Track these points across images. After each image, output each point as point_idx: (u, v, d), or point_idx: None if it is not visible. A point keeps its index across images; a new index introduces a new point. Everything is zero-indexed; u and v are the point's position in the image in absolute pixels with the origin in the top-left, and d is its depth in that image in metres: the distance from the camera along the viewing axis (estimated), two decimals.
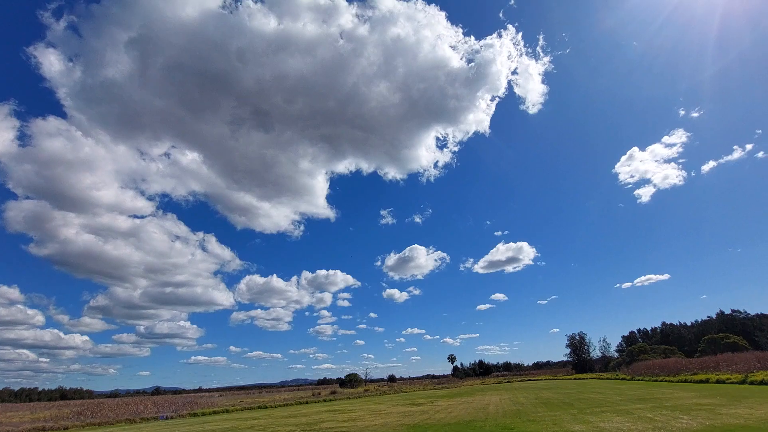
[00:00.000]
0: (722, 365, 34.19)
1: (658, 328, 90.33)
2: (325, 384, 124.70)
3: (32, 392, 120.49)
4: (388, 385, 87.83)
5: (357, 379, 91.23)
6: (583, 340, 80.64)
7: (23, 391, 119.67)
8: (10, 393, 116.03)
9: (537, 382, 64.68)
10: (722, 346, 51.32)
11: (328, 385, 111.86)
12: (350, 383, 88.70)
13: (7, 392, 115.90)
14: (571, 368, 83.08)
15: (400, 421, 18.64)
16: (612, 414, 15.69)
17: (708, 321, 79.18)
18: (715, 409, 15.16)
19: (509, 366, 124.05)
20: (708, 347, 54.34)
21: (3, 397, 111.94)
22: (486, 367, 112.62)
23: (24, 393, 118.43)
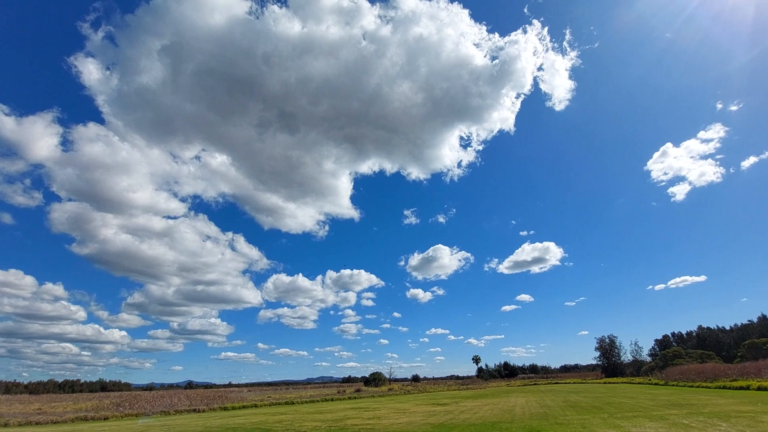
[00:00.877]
0: (765, 371, 32.33)
1: (693, 332, 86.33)
2: (350, 382, 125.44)
3: (75, 384, 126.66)
4: (412, 385, 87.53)
5: (381, 378, 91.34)
6: (613, 343, 77.84)
7: (67, 382, 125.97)
8: (54, 384, 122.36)
9: (565, 385, 62.95)
10: (764, 351, 48.57)
11: (353, 383, 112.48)
12: (374, 382, 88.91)
13: (52, 384, 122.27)
14: (600, 372, 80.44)
15: (425, 420, 18.53)
16: (645, 419, 15.10)
17: (748, 325, 75.11)
18: (757, 416, 14.35)
19: (536, 368, 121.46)
20: (748, 352, 51.55)
21: (48, 388, 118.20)
22: (511, 369, 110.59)
23: (67, 384, 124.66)
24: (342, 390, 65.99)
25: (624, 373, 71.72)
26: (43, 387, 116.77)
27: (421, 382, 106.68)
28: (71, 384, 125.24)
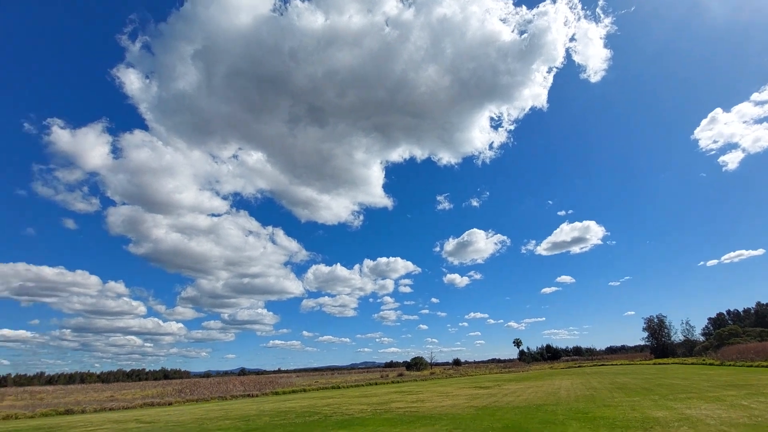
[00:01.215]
0: None
1: (751, 309, 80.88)
2: (392, 367, 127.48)
3: (140, 372, 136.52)
4: (453, 369, 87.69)
5: (422, 363, 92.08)
6: (662, 323, 74.16)
7: (133, 371, 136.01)
8: (123, 373, 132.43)
9: (611, 367, 60.96)
10: None
11: (395, 367, 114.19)
12: (416, 366, 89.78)
13: (120, 373, 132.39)
14: (649, 353, 77.09)
15: (468, 403, 18.58)
16: (700, 401, 14.41)
17: None
18: None
19: (580, 350, 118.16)
20: None
21: (118, 377, 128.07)
22: (554, 352, 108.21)
23: (134, 373, 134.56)
24: (385, 374, 67.17)
25: (675, 354, 68.42)
26: (113, 376, 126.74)
27: (462, 365, 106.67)
28: (137, 373, 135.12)
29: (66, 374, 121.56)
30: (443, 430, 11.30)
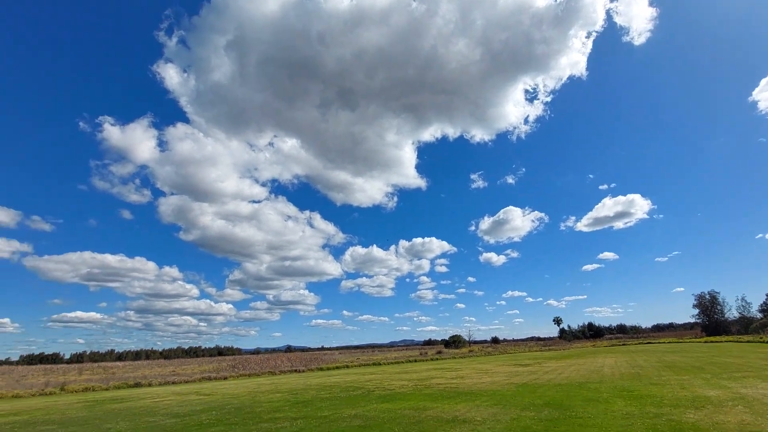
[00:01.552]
0: None
1: None
2: (431, 345, 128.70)
3: (197, 350, 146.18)
4: (492, 346, 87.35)
5: (461, 341, 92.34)
6: (715, 300, 69.81)
7: (191, 349, 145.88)
8: (182, 351, 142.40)
9: (658, 345, 58.47)
10: None
11: (433, 345, 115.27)
12: (454, 344, 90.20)
13: (180, 350, 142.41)
14: (700, 331, 73.12)
15: (508, 380, 18.53)
16: (756, 379, 13.59)
17: None
18: None
19: (624, 328, 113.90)
20: None
21: (177, 354, 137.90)
22: (597, 330, 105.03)
23: (192, 350, 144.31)
24: (424, 352, 68.05)
25: (729, 332, 64.52)
26: (174, 353, 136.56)
27: (500, 343, 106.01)
28: (195, 350, 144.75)
29: (133, 351, 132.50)
30: (483, 405, 11.37)
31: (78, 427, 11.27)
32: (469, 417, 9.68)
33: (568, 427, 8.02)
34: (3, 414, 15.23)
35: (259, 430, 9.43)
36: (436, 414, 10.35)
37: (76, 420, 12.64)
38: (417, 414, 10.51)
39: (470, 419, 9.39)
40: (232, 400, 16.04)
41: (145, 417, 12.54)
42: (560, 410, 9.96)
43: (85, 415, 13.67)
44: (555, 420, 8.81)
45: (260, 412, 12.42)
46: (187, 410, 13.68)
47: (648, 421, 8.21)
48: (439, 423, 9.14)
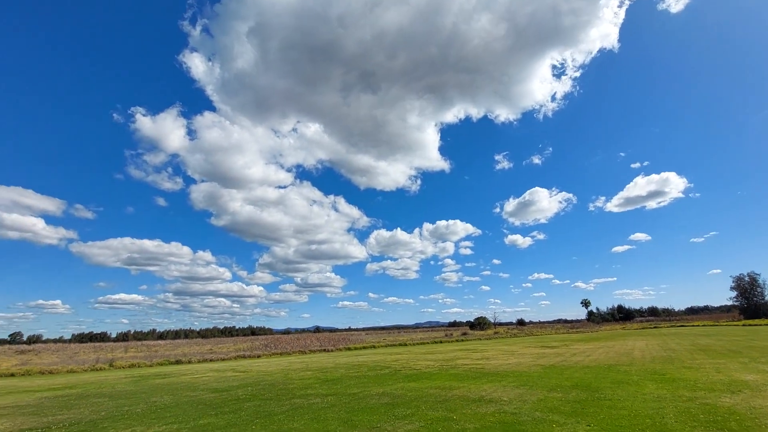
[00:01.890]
0: None
1: None
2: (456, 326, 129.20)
3: (232, 330, 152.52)
4: (518, 328, 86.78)
5: (486, 322, 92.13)
6: (754, 282, 66.34)
7: (226, 329, 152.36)
8: (218, 330, 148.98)
9: (692, 328, 56.46)
10: None
11: (458, 327, 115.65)
12: (480, 326, 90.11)
13: (216, 330, 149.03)
14: (737, 314, 69.95)
15: (535, 362, 18.42)
16: None
17: None
18: None
19: (656, 311, 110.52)
20: None
21: (214, 333, 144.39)
22: (627, 312, 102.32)
23: (227, 330, 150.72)
24: (449, 333, 68.41)
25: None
26: (210, 332, 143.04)
27: (526, 325, 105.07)
28: (229, 330, 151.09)
29: (173, 331, 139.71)
30: (510, 386, 11.38)
31: (126, 399, 12.07)
32: (495, 397, 9.72)
33: (597, 409, 7.93)
34: (60, 387, 16.47)
35: (292, 405, 9.82)
36: (462, 393, 10.45)
37: (125, 393, 13.54)
38: (443, 393, 10.65)
39: (496, 399, 9.44)
40: (266, 377, 16.71)
41: (187, 392, 13.28)
42: (588, 392, 9.85)
43: (133, 389, 14.61)
44: (583, 402, 8.73)
45: (292, 388, 12.90)
46: (224, 386, 14.38)
47: (681, 405, 8.01)
48: (466, 402, 9.23)
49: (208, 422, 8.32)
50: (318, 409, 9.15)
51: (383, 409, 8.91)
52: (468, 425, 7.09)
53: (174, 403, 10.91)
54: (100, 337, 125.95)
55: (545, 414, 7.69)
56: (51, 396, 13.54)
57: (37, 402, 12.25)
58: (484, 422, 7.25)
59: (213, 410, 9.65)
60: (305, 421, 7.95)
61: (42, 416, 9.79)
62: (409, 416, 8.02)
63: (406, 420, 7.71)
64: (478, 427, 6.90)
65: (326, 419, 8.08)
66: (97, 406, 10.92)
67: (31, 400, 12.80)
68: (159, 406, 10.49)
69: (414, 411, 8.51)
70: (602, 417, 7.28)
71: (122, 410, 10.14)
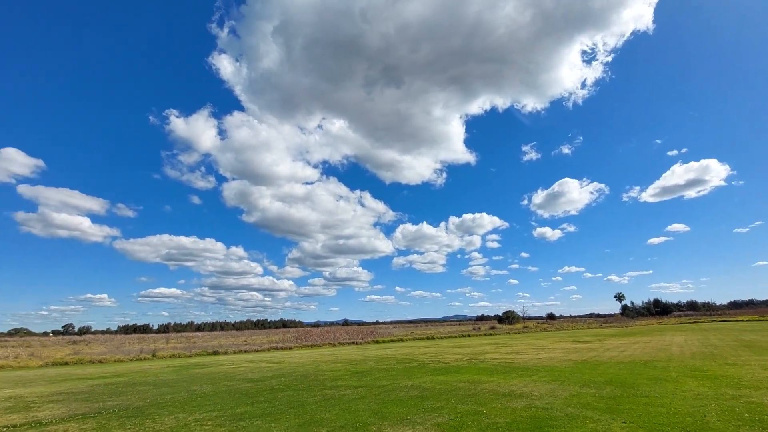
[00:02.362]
0: None
1: None
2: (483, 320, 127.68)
3: (264, 322, 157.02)
4: (548, 323, 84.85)
5: (514, 316, 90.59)
6: None
7: (259, 321, 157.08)
8: (251, 323, 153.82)
9: (735, 323, 53.43)
10: None
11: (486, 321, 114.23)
12: (508, 320, 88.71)
13: (249, 322, 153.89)
14: None
15: (566, 357, 17.98)
16: None
17: None
18: None
19: (695, 305, 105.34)
20: None
21: (247, 325, 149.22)
22: (663, 306, 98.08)
23: (259, 323, 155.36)
24: (477, 327, 67.73)
25: None
26: (244, 325, 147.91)
27: (557, 320, 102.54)
28: (262, 322, 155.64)
29: (209, 323, 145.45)
30: (541, 381, 11.17)
31: (169, 388, 12.68)
32: (526, 392, 9.58)
33: (633, 406, 7.67)
34: (109, 375, 17.50)
35: (323, 396, 10.03)
36: (492, 388, 10.35)
37: (167, 382, 14.23)
38: (472, 387, 10.59)
39: (527, 394, 9.29)
40: (298, 368, 17.14)
41: (224, 381, 13.81)
42: (623, 388, 9.53)
43: (174, 378, 15.33)
44: (618, 398, 8.46)
45: (323, 380, 13.17)
46: (259, 376, 14.86)
47: (724, 403, 7.63)
48: (495, 396, 9.14)
49: (245, 410, 8.63)
50: (349, 400, 9.31)
51: (413, 401, 8.96)
52: (498, 419, 7.02)
53: (213, 392, 11.37)
54: (143, 329, 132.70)
55: (578, 410, 7.51)
56: (101, 383, 14.41)
57: (89, 389, 13.08)
58: (514, 417, 7.16)
59: (249, 399, 10.00)
60: (337, 412, 8.11)
61: (94, 402, 10.44)
62: (439, 409, 8.04)
63: (436, 413, 7.72)
64: (509, 422, 6.82)
65: (357, 410, 8.21)
66: (142, 394, 11.54)
67: (84, 387, 13.67)
68: (199, 395, 10.97)
69: (443, 404, 8.51)
70: (638, 414, 7.04)
71: (166, 398, 10.67)
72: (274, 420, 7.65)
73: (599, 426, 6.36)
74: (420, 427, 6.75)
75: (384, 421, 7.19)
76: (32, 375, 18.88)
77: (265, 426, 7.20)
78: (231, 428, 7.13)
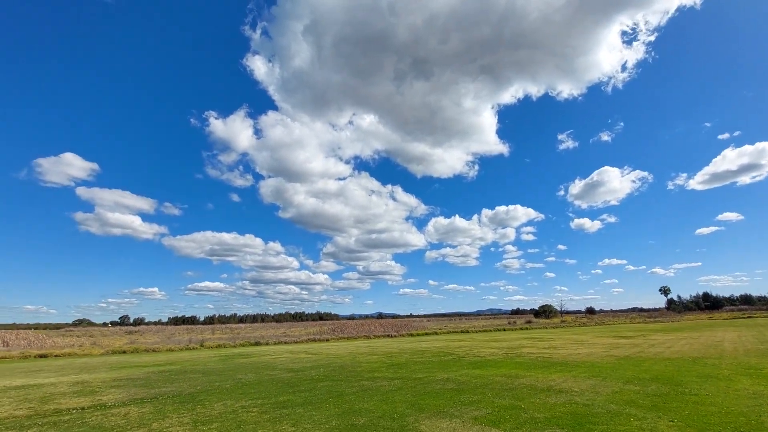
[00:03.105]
0: None
1: None
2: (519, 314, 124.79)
3: (302, 315, 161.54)
4: (587, 317, 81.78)
5: (552, 310, 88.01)
6: None
7: (297, 314, 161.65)
8: (289, 315, 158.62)
9: None
10: None
11: (522, 315, 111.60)
12: (545, 314, 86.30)
13: (288, 314, 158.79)
14: None
15: (607, 352, 17.31)
16: None
17: None
18: None
19: (750, 299, 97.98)
20: None
21: (286, 318, 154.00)
22: (714, 301, 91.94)
23: (297, 315, 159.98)
24: (512, 321, 66.36)
25: None
26: (283, 317, 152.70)
27: (596, 314, 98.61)
28: (299, 315, 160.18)
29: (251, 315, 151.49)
30: (581, 377, 10.84)
31: (216, 376, 13.37)
32: (566, 387, 9.33)
33: (681, 404, 7.31)
34: (163, 363, 18.65)
35: (361, 387, 10.24)
36: (530, 383, 10.16)
37: (215, 371, 14.99)
38: (509, 381, 10.44)
39: (567, 389, 9.05)
40: (335, 360, 17.54)
41: (267, 370, 14.37)
42: (670, 386, 9.08)
43: (221, 367, 16.13)
44: (664, 396, 8.08)
45: (360, 371, 13.41)
46: (299, 366, 15.35)
47: None
48: (533, 391, 8.97)
49: (287, 399, 8.97)
50: (386, 392, 9.44)
51: (449, 394, 8.96)
52: (537, 414, 6.91)
53: (257, 381, 11.88)
54: (190, 320, 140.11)
55: (621, 407, 7.25)
56: (156, 371, 15.40)
57: (146, 376, 14.01)
58: (554, 412, 7.01)
59: (291, 388, 10.37)
60: (375, 402, 8.26)
61: (150, 388, 11.19)
62: (476, 402, 8.00)
63: (473, 406, 7.69)
64: (548, 417, 6.69)
65: (394, 401, 8.32)
66: (193, 381, 12.23)
67: (141, 374, 14.67)
68: (244, 383, 11.49)
69: (480, 398, 8.46)
70: (687, 413, 6.70)
71: (214, 385, 11.27)
72: (315, 408, 7.90)
73: (644, 424, 6.11)
74: (457, 420, 6.75)
75: (421, 413, 7.26)
76: (95, 362, 20.45)
77: (307, 414, 7.46)
78: (275, 415, 7.44)
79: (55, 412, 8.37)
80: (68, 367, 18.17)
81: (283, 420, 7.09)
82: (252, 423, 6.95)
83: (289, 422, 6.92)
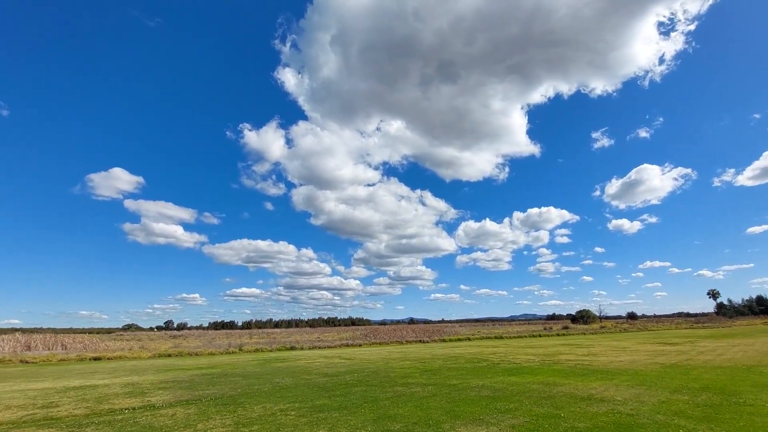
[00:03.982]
0: None
1: None
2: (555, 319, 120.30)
3: (334, 320, 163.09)
4: (628, 323, 77.71)
5: (590, 315, 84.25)
6: None
7: (330, 319, 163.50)
8: (323, 320, 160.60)
9: None
10: None
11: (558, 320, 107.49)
12: (582, 319, 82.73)
13: (321, 320, 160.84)
14: None
15: (652, 359, 16.38)
16: None
17: None
18: None
19: None
20: None
21: (319, 323, 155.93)
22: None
23: (330, 320, 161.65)
24: (548, 327, 64.07)
25: None
26: (316, 322, 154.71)
27: (638, 319, 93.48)
28: (332, 320, 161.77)
29: (285, 320, 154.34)
30: (623, 385, 10.32)
31: (255, 379, 13.73)
32: (607, 396, 8.91)
33: (735, 416, 6.81)
34: (205, 366, 19.37)
35: (395, 392, 10.21)
36: (569, 391, 9.78)
37: (254, 374, 15.40)
38: (547, 389, 10.09)
39: (608, 398, 8.65)
40: (368, 365, 17.58)
41: (303, 375, 14.62)
42: (723, 396, 8.48)
43: (259, 371, 16.55)
44: (716, 406, 7.56)
45: (394, 377, 13.38)
46: (334, 371, 15.50)
47: None
48: (573, 400, 8.63)
49: (323, 403, 9.08)
50: (420, 398, 9.37)
51: (485, 401, 8.78)
52: (578, 424, 6.64)
53: (294, 385, 12.11)
54: (229, 325, 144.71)
55: (669, 417, 6.84)
56: (199, 374, 16.01)
57: (190, 378, 14.60)
58: (595, 422, 6.72)
59: (326, 393, 10.50)
60: (409, 408, 8.22)
61: (194, 390, 11.65)
62: (513, 410, 7.79)
63: (510, 414, 7.50)
64: (590, 427, 6.42)
65: (429, 408, 8.24)
66: (234, 384, 12.63)
67: (185, 376, 15.29)
68: (282, 387, 11.74)
69: (517, 405, 8.23)
70: (742, 424, 6.23)
71: (253, 388, 11.58)
72: (351, 413, 7.96)
73: None
74: (494, 427, 6.61)
75: (456, 420, 7.15)
76: (143, 365, 21.52)
77: (343, 419, 7.53)
78: (312, 419, 7.55)
79: (110, 411, 8.89)
80: (120, 369, 19.23)
81: (320, 424, 7.19)
82: (290, 426, 7.09)
83: (326, 426, 7.01)
